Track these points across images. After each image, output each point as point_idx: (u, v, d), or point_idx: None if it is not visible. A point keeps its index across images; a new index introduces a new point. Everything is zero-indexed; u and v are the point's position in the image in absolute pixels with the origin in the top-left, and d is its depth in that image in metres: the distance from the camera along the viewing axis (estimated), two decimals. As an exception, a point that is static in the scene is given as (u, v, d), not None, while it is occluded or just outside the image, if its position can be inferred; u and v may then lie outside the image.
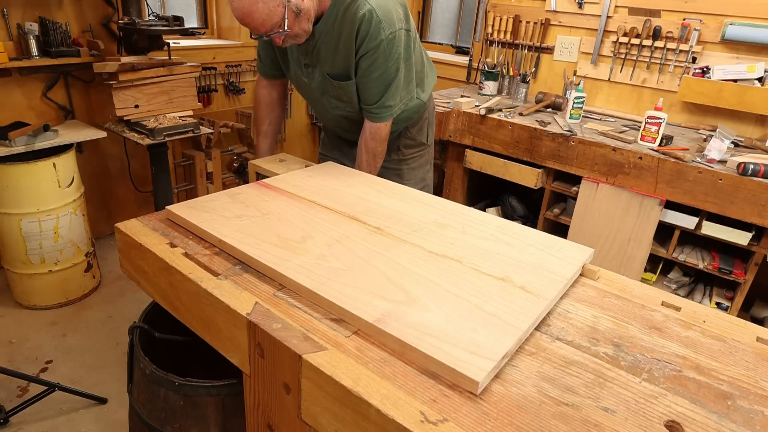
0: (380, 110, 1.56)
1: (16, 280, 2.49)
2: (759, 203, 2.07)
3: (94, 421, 1.92)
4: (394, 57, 1.48)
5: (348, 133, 1.77)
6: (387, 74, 1.50)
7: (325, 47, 1.49)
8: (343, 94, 1.57)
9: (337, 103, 1.62)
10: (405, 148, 1.83)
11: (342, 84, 1.54)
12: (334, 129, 1.82)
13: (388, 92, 1.53)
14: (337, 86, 1.55)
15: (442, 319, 0.84)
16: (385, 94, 1.53)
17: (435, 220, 1.22)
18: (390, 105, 1.56)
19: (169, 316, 1.10)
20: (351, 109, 1.62)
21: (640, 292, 1.04)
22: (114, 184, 3.16)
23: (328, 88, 1.58)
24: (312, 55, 1.53)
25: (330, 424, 0.77)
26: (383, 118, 1.58)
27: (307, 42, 1.48)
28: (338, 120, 1.71)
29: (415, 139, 1.84)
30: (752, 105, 2.45)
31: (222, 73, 3.41)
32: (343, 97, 1.58)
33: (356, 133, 1.69)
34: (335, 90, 1.57)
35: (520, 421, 0.68)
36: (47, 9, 2.58)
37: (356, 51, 1.46)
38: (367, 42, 1.43)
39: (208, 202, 1.23)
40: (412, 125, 1.82)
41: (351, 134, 1.75)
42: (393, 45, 1.46)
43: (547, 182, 2.70)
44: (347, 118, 1.67)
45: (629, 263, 2.46)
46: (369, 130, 1.61)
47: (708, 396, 0.76)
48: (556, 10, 3.07)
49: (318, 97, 1.65)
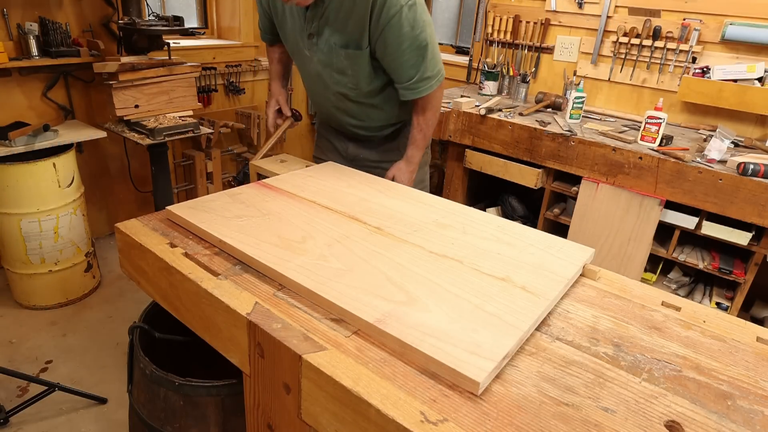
0: (422, 83, 1.48)
1: (16, 280, 2.49)
2: (759, 203, 2.07)
3: (94, 421, 1.92)
4: (420, 24, 1.38)
5: (346, 116, 1.68)
6: (417, 42, 1.40)
7: (335, 14, 1.39)
8: (349, 67, 1.47)
9: (340, 77, 1.52)
10: (402, 148, 1.79)
11: (352, 53, 1.43)
12: (331, 113, 1.71)
13: (425, 62, 1.45)
14: (345, 57, 1.45)
15: (443, 319, 0.84)
16: (423, 64, 1.44)
17: (435, 220, 1.22)
18: (429, 77, 1.48)
19: (169, 316, 1.10)
20: (353, 85, 1.53)
21: (640, 292, 1.04)
22: (114, 184, 3.16)
23: (333, 59, 1.48)
24: (319, 23, 1.43)
25: (330, 424, 0.77)
26: (430, 88, 1.50)
27: (315, 8, 1.40)
28: (337, 100, 1.62)
29: None
30: (752, 105, 2.45)
31: (222, 73, 3.41)
32: (348, 70, 1.48)
33: (355, 117, 1.65)
34: (342, 62, 1.47)
35: (520, 421, 0.68)
36: (47, 9, 2.58)
37: (373, 21, 1.36)
38: (386, 10, 1.33)
39: (208, 202, 1.23)
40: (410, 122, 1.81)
41: (349, 118, 1.68)
42: (416, 12, 1.37)
43: (547, 182, 2.70)
44: (347, 97, 1.59)
45: (629, 263, 2.46)
46: (420, 105, 1.55)
47: (708, 396, 0.76)
48: (556, 10, 3.07)
49: (319, 72, 1.56)
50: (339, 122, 1.74)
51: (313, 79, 1.62)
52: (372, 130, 1.73)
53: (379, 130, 1.74)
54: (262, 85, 3.77)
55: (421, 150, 1.67)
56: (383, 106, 1.64)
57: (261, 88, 3.78)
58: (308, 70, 1.61)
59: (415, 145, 1.65)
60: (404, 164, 1.66)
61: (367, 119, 1.68)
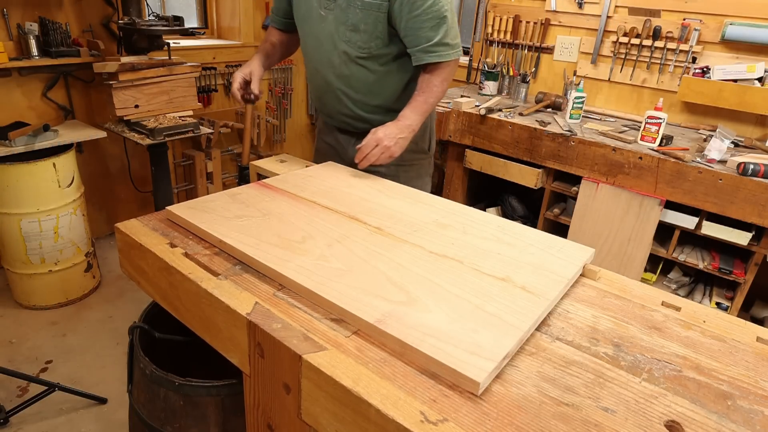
0: (441, 48, 1.44)
1: (16, 280, 2.49)
2: (759, 203, 2.07)
3: (94, 421, 1.92)
4: None
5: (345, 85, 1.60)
6: (438, 5, 1.39)
7: None
8: (362, 20, 1.45)
9: (351, 35, 1.48)
10: (405, 152, 1.76)
11: (368, 3, 1.42)
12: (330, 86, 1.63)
13: (444, 27, 1.42)
14: (360, 8, 1.43)
15: (443, 319, 0.84)
16: (443, 29, 1.41)
17: (435, 220, 1.22)
18: (449, 43, 1.44)
19: (169, 316, 1.10)
20: (363, 43, 1.48)
21: (640, 292, 1.04)
22: (114, 184, 3.16)
23: (349, 15, 1.46)
24: None
25: (330, 424, 0.77)
26: (448, 56, 1.45)
27: None
28: (341, 62, 1.55)
29: (416, 143, 1.72)
30: (752, 105, 2.45)
31: (222, 73, 3.42)
32: (361, 24, 1.45)
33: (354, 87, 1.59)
34: (357, 14, 1.44)
35: (520, 421, 0.68)
36: (47, 9, 2.58)
37: None
38: None
39: (208, 202, 1.23)
40: None
41: (347, 88, 1.61)
42: None
43: (547, 182, 2.70)
44: (353, 58, 1.52)
45: (629, 263, 2.46)
46: (430, 69, 1.48)
47: (708, 396, 0.76)
48: (556, 10, 3.07)
49: (330, 32, 1.51)
50: (336, 98, 1.65)
51: (321, 41, 1.56)
52: (370, 110, 1.64)
53: (378, 112, 1.64)
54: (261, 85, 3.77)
55: (419, 115, 1.51)
56: (386, 79, 1.58)
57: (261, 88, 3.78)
58: (317, 34, 1.56)
59: (412, 106, 1.51)
60: (392, 124, 1.48)
61: (367, 92, 1.60)
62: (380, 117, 1.63)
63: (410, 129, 1.50)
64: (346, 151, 1.75)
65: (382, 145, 1.45)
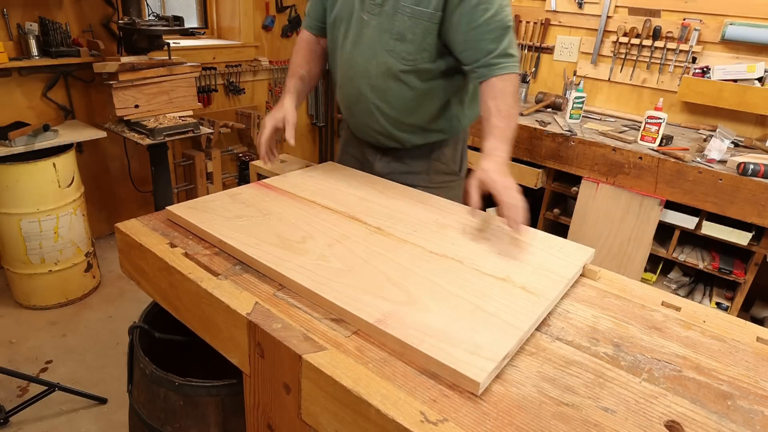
0: (504, 59, 1.26)
1: (16, 280, 2.49)
2: (759, 203, 2.07)
3: (94, 421, 1.92)
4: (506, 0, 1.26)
5: (380, 99, 1.43)
6: (501, 14, 1.25)
7: None
8: (410, 30, 1.30)
9: (395, 44, 1.33)
10: (434, 174, 1.55)
11: (418, 11, 1.27)
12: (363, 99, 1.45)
13: (508, 38, 1.26)
14: (409, 16, 1.28)
15: (443, 319, 0.84)
16: (505, 39, 1.25)
17: (435, 220, 1.22)
18: (513, 54, 1.27)
19: (169, 316, 1.10)
20: (407, 54, 1.33)
21: (640, 292, 1.04)
22: (114, 184, 3.16)
23: (396, 23, 1.31)
24: None
25: (330, 424, 0.77)
26: (515, 67, 1.27)
27: None
28: (379, 74, 1.39)
29: (447, 164, 1.56)
30: (752, 105, 2.45)
31: (222, 73, 3.42)
32: (408, 34, 1.30)
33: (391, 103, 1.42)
34: (404, 23, 1.30)
35: (520, 421, 0.68)
36: (47, 9, 2.58)
37: None
38: None
39: (208, 202, 1.23)
40: (446, 143, 1.53)
41: (383, 103, 1.43)
42: None
43: (547, 182, 2.70)
44: (393, 72, 1.36)
45: (629, 263, 2.46)
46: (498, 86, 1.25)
47: (708, 396, 0.76)
48: (556, 10, 3.07)
49: (372, 40, 1.36)
50: (368, 112, 1.47)
51: (360, 48, 1.40)
52: (403, 129, 1.48)
53: (411, 131, 1.49)
54: (262, 85, 3.77)
55: (506, 143, 1.23)
56: (427, 97, 1.43)
57: (261, 88, 3.78)
58: (356, 39, 1.40)
59: (495, 135, 1.23)
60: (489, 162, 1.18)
61: (403, 109, 1.44)
62: (412, 136, 1.50)
63: (506, 162, 1.22)
64: (372, 165, 1.60)
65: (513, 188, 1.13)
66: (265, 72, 3.74)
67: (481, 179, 1.15)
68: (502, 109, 1.25)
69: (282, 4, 3.72)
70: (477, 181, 1.16)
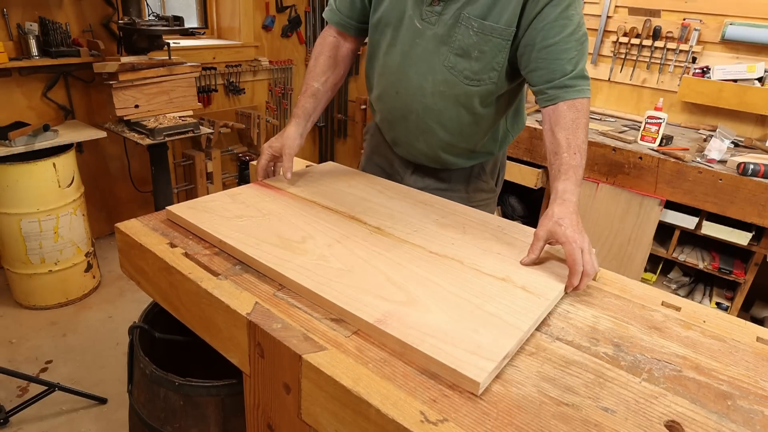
0: (581, 81, 1.12)
1: (16, 280, 2.49)
2: (759, 203, 2.07)
3: (94, 421, 1.92)
4: (579, 9, 1.13)
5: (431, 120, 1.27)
6: (580, 32, 1.12)
7: None
8: (476, 47, 1.15)
9: (458, 60, 1.17)
10: (474, 192, 1.45)
11: (489, 27, 1.12)
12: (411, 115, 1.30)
13: (584, 58, 1.14)
14: (476, 32, 1.13)
15: (443, 319, 0.84)
16: (582, 59, 1.13)
17: (435, 220, 1.22)
18: (588, 77, 1.15)
19: (169, 316, 1.10)
20: (472, 74, 1.18)
21: (640, 292, 1.04)
22: (114, 184, 3.16)
23: (457, 36, 1.15)
24: None
25: (330, 424, 0.77)
26: (585, 92, 1.13)
27: None
28: (434, 94, 1.23)
29: (487, 182, 1.47)
30: (752, 105, 2.45)
31: (222, 73, 3.42)
32: (473, 51, 1.15)
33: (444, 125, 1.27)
34: (470, 38, 1.14)
35: (520, 421, 0.68)
36: (47, 9, 2.58)
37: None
38: None
39: (208, 202, 1.23)
40: (488, 161, 1.44)
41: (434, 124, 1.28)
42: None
43: (547, 182, 2.70)
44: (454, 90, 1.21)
45: (629, 263, 2.46)
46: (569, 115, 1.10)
47: (708, 396, 0.76)
48: (556, 10, 3.07)
49: (427, 51, 1.20)
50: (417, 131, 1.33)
51: (412, 59, 1.23)
52: (452, 153, 1.36)
53: (460, 155, 1.38)
54: (262, 85, 3.77)
55: (579, 185, 1.07)
56: (483, 120, 1.29)
57: (261, 88, 3.78)
58: (408, 49, 1.23)
59: (568, 176, 1.06)
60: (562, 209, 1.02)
61: (458, 133, 1.30)
62: (460, 160, 1.39)
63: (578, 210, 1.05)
64: (402, 179, 1.48)
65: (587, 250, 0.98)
66: (265, 72, 3.74)
67: (552, 231, 1.00)
68: (573, 144, 1.08)
69: (282, 4, 3.72)
70: (547, 232, 1.01)
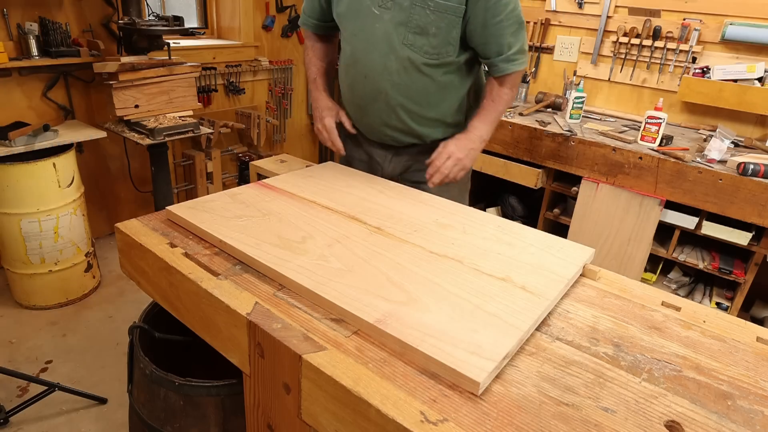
0: (520, 56, 1.37)
1: (16, 280, 2.49)
2: (759, 203, 2.07)
3: (94, 421, 1.92)
4: None
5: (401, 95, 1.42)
6: (518, 10, 1.33)
7: None
8: (433, 24, 1.30)
9: (416, 38, 1.32)
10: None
11: (442, 5, 1.27)
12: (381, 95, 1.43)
13: (523, 32, 1.36)
14: (432, 10, 1.28)
15: (443, 319, 0.84)
16: (521, 33, 1.35)
17: (435, 220, 1.22)
18: (525, 50, 1.39)
19: (169, 316, 1.10)
20: (431, 48, 1.33)
21: (640, 292, 1.04)
22: (114, 184, 3.16)
23: (414, 16, 1.30)
24: None
25: (330, 424, 0.77)
26: (524, 64, 1.39)
27: None
28: (400, 71, 1.38)
29: None
30: (752, 105, 2.45)
31: (222, 73, 3.41)
32: (431, 27, 1.30)
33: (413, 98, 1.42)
34: (426, 17, 1.29)
35: (520, 421, 0.68)
36: (47, 9, 2.58)
37: None
38: None
39: (208, 202, 1.23)
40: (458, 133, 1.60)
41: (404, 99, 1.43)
42: None
43: (547, 182, 2.70)
44: (417, 66, 1.36)
45: (629, 263, 2.46)
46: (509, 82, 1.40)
47: (708, 396, 0.76)
48: (556, 10, 3.07)
49: (387, 34, 1.34)
50: (388, 109, 1.46)
51: (374, 44, 1.37)
52: (424, 123, 1.49)
53: (432, 125, 1.51)
54: (262, 85, 3.77)
55: (490, 125, 1.43)
56: (448, 90, 1.45)
57: (261, 88, 3.78)
58: (369, 35, 1.37)
59: (482, 117, 1.43)
60: (463, 136, 1.41)
61: (426, 104, 1.45)
62: (433, 131, 1.52)
63: (481, 140, 1.43)
64: (381, 167, 1.61)
65: (454, 157, 1.37)
66: (265, 72, 3.74)
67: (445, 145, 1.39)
68: (495, 98, 1.41)
69: (282, 4, 3.71)
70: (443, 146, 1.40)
